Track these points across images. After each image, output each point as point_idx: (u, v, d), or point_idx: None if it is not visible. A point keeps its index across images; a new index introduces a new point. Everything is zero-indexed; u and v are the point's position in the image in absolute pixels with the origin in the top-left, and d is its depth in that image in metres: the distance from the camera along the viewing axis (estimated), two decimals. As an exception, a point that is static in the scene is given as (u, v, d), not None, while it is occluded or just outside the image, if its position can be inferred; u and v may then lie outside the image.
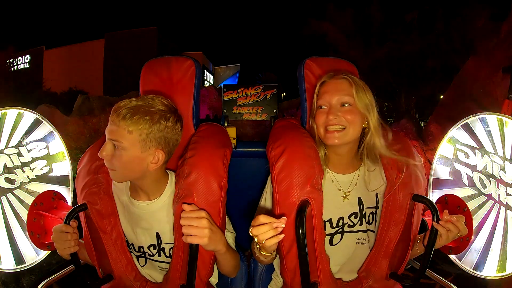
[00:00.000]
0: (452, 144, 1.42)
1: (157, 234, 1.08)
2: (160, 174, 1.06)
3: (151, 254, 1.09)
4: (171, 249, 1.08)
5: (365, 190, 1.10)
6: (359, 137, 1.08)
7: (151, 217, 1.07)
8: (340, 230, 1.08)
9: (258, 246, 0.97)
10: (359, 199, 1.09)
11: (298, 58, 1.28)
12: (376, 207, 1.11)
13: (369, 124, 1.07)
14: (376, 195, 1.11)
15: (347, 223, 1.08)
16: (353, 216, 1.09)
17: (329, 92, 1.06)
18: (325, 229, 1.08)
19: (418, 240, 1.10)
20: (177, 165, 1.10)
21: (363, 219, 1.09)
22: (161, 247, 1.08)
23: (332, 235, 1.08)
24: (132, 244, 1.10)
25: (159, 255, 1.09)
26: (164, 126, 0.98)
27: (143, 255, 1.10)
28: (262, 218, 0.89)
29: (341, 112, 1.04)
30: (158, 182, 1.07)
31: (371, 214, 1.10)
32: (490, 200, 1.32)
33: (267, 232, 0.88)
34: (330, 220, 1.08)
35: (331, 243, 1.09)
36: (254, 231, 0.89)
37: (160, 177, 1.07)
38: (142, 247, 1.09)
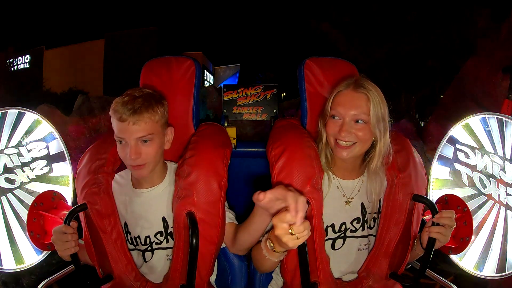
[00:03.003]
0: (452, 144, 1.42)
1: (163, 219, 1.09)
2: (163, 162, 1.13)
3: (159, 241, 1.10)
4: (174, 234, 1.09)
5: (369, 196, 1.09)
6: (369, 148, 1.06)
7: (156, 202, 1.09)
8: (342, 235, 1.08)
9: (272, 244, 0.90)
10: (362, 205, 1.09)
11: (298, 58, 1.28)
12: (379, 212, 1.10)
13: (376, 146, 1.04)
14: (380, 200, 1.10)
15: (349, 228, 1.08)
16: (356, 221, 1.08)
17: (345, 105, 1.02)
18: (327, 234, 1.07)
19: (415, 241, 1.10)
20: (177, 165, 1.11)
21: (365, 224, 1.09)
22: (168, 231, 1.10)
23: (334, 240, 1.08)
24: (139, 237, 1.10)
25: (167, 241, 1.10)
26: (166, 105, 1.08)
27: (149, 248, 1.10)
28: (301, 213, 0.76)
29: (354, 128, 1.01)
30: (162, 167, 1.13)
31: (373, 219, 1.10)
32: (490, 200, 1.32)
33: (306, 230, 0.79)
34: (332, 225, 1.08)
35: (333, 248, 1.09)
36: (300, 227, 0.77)
37: (163, 163, 1.13)
38: (149, 237, 1.10)
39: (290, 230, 0.79)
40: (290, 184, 1.01)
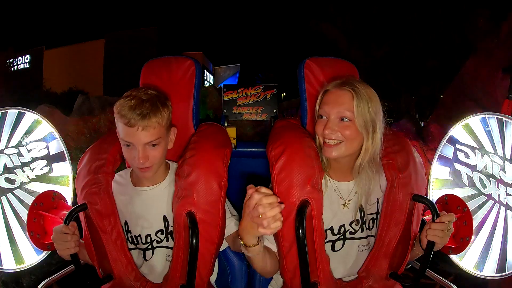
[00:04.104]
0: (452, 144, 1.42)
1: (164, 217, 1.10)
2: (165, 162, 1.14)
3: (160, 240, 1.10)
4: (173, 233, 1.09)
5: (366, 197, 1.09)
6: (360, 148, 1.05)
7: (157, 200, 1.10)
8: (342, 237, 1.08)
9: (241, 242, 0.92)
10: (360, 206, 1.09)
11: (298, 58, 1.28)
12: (377, 213, 1.10)
13: (363, 144, 1.03)
14: (377, 200, 1.10)
15: (348, 230, 1.08)
16: (354, 223, 1.08)
17: (329, 103, 1.02)
18: (326, 236, 1.07)
19: (415, 241, 1.10)
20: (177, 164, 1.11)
21: (364, 225, 1.09)
22: (169, 230, 1.10)
23: (333, 242, 1.08)
24: (139, 236, 1.11)
25: (167, 240, 1.10)
26: (170, 106, 1.07)
27: (150, 246, 1.11)
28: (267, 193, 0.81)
29: (339, 126, 1.00)
30: (164, 166, 1.13)
31: (371, 220, 1.10)
32: (490, 200, 1.32)
33: (274, 208, 0.81)
34: (331, 228, 1.08)
35: (333, 249, 1.09)
36: (264, 200, 0.80)
37: (165, 162, 1.14)
38: (150, 235, 1.10)
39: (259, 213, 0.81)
40: (290, 183, 1.02)
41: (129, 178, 1.15)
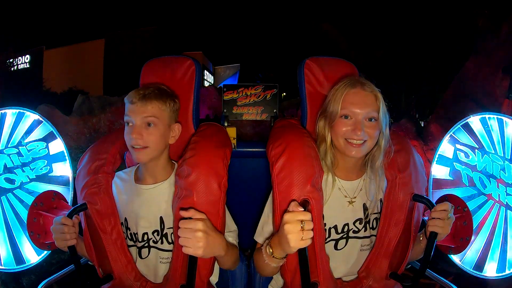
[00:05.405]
0: (452, 144, 1.42)
1: (161, 218, 1.10)
2: (168, 158, 1.15)
3: (155, 240, 1.10)
4: (173, 234, 1.09)
5: (370, 196, 1.09)
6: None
7: (156, 200, 1.10)
8: (345, 235, 1.08)
9: (271, 250, 0.96)
10: (364, 205, 1.09)
11: (298, 58, 1.28)
12: (380, 213, 1.10)
13: (379, 141, 1.05)
14: (381, 200, 1.11)
15: (352, 228, 1.08)
16: (358, 222, 1.09)
17: (357, 104, 1.02)
18: (330, 235, 1.08)
19: (421, 238, 1.10)
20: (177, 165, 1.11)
21: (368, 225, 1.09)
22: (164, 232, 1.10)
23: (337, 241, 1.08)
24: (136, 234, 1.11)
25: (162, 242, 1.10)
26: (177, 103, 1.14)
27: (146, 244, 1.11)
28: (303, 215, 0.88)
29: (366, 126, 1.02)
30: (167, 165, 1.13)
31: (375, 220, 1.10)
32: (490, 200, 1.32)
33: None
34: (335, 227, 1.08)
35: (335, 248, 1.09)
36: (311, 224, 0.87)
37: (168, 161, 1.14)
38: (147, 233, 1.10)
39: (302, 225, 0.85)
40: (290, 183, 1.02)
41: (132, 175, 1.15)
